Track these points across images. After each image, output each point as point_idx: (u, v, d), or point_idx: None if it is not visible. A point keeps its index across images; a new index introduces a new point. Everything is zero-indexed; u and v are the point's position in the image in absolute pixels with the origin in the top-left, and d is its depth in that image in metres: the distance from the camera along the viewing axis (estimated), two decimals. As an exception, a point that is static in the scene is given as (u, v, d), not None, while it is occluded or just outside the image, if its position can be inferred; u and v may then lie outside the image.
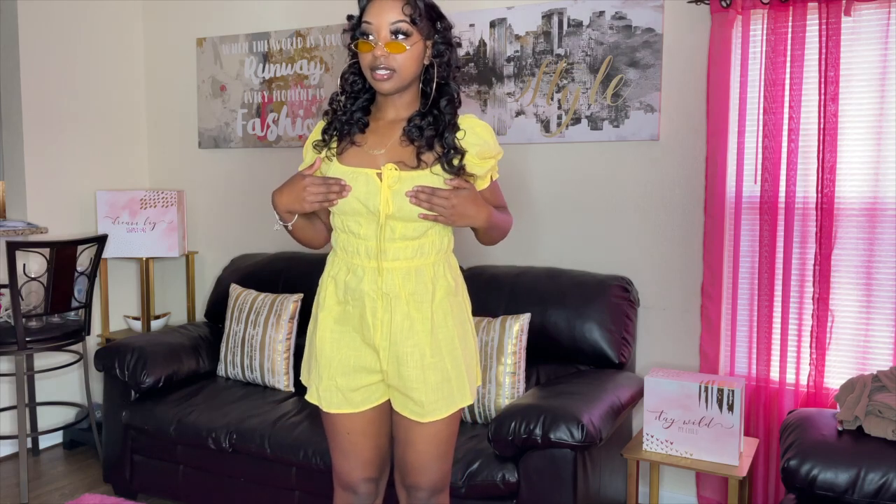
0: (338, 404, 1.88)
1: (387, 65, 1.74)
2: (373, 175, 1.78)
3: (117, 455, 3.14)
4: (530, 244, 3.27)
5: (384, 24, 1.73)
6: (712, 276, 2.89)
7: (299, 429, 2.75)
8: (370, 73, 1.76)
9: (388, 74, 1.74)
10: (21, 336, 3.23)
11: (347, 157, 1.83)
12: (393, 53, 1.73)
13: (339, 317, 1.86)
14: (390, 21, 1.73)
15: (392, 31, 1.73)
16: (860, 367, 2.72)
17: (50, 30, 3.75)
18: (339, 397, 1.87)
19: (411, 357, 1.81)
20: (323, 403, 1.90)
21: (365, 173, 1.79)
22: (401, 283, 1.80)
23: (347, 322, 1.85)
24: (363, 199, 1.77)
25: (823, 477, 2.12)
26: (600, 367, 2.88)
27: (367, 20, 1.75)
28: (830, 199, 2.68)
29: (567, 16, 3.11)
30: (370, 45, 1.74)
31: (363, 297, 1.82)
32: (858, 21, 2.65)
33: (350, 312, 1.84)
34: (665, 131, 3.00)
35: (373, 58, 1.74)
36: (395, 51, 1.73)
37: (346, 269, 1.84)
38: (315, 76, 3.70)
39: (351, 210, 1.79)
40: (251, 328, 3.25)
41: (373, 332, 1.82)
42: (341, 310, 1.86)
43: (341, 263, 1.86)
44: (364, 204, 1.78)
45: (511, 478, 2.41)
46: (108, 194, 3.82)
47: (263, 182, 3.88)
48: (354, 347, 1.86)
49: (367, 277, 1.81)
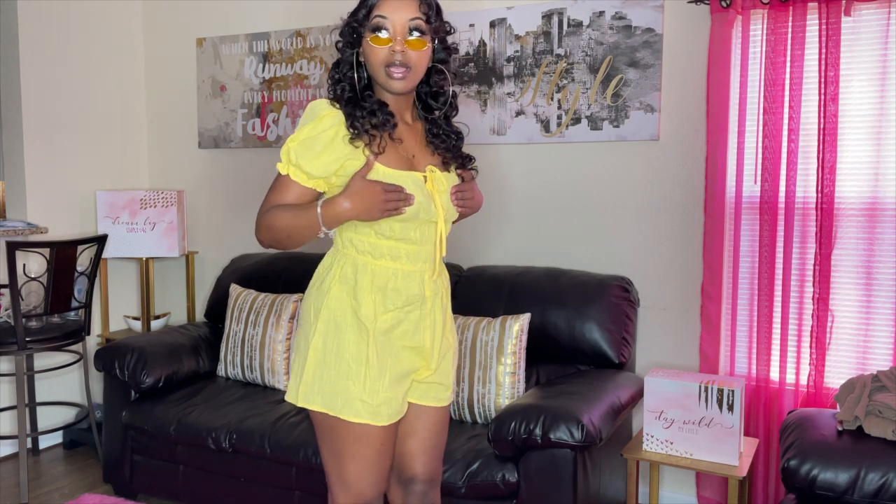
0: (390, 415, 1.77)
1: (404, 61, 1.69)
2: (419, 179, 1.76)
3: (117, 455, 3.14)
4: (530, 244, 3.27)
5: (402, 20, 1.69)
6: (712, 276, 2.89)
7: (299, 429, 2.75)
8: (383, 70, 1.70)
9: (405, 72, 1.70)
10: (21, 336, 3.23)
11: (388, 159, 1.74)
12: (412, 50, 1.69)
13: (388, 326, 1.77)
14: (409, 17, 1.69)
15: (411, 27, 1.69)
16: (860, 367, 2.72)
17: (50, 30, 3.75)
18: (393, 407, 1.78)
19: (449, 349, 1.92)
20: (383, 418, 1.76)
21: (413, 177, 1.75)
22: (445, 281, 1.91)
23: (393, 329, 1.78)
24: (424, 204, 1.75)
25: (823, 477, 2.12)
26: (600, 367, 2.88)
27: (381, 14, 1.69)
28: (830, 198, 2.68)
29: (567, 16, 3.11)
30: (388, 39, 1.69)
31: (423, 301, 1.81)
32: (858, 21, 2.65)
33: (401, 318, 1.79)
34: (665, 131, 3.00)
35: (390, 53, 1.68)
36: (416, 47, 1.69)
37: (391, 275, 1.77)
38: (315, 76, 3.70)
39: (411, 216, 1.74)
40: (251, 328, 3.25)
41: (423, 333, 1.82)
42: (390, 317, 1.77)
43: (384, 272, 1.77)
44: (425, 209, 1.75)
45: (511, 478, 2.41)
46: (108, 194, 3.82)
47: (263, 182, 3.87)
48: (396, 353, 1.79)
49: (426, 280, 1.82)
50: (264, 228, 1.75)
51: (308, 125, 1.70)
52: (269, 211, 1.74)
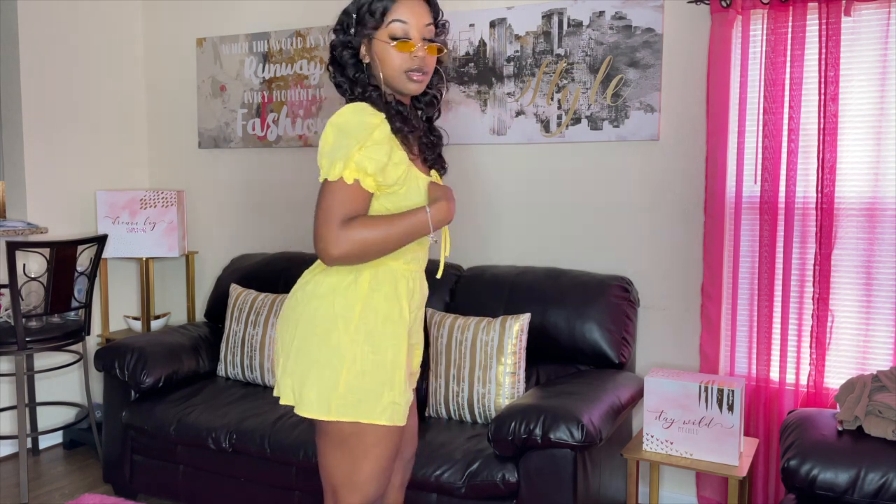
0: (406, 413, 1.78)
1: (424, 67, 1.70)
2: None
3: (117, 455, 3.14)
4: (530, 244, 3.27)
5: (421, 24, 1.69)
6: (712, 276, 2.89)
7: (299, 429, 2.75)
8: (404, 74, 1.69)
9: (424, 77, 1.71)
10: (21, 336, 3.23)
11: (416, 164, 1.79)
12: (430, 55, 1.71)
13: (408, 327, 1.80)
14: (426, 23, 1.69)
15: (425, 33, 1.70)
16: (860, 367, 2.72)
17: (50, 30, 3.75)
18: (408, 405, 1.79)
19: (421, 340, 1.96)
20: (404, 417, 1.77)
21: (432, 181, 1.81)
22: None
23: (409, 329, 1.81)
24: None
25: (823, 477, 2.12)
26: (600, 367, 2.88)
27: (401, 19, 1.67)
28: (830, 198, 2.68)
29: (567, 16, 3.11)
30: (412, 45, 1.68)
31: (423, 301, 1.89)
32: (858, 21, 2.65)
33: (414, 318, 1.85)
34: (665, 131, 3.00)
35: (411, 59, 1.68)
36: (434, 53, 1.71)
37: (412, 278, 1.80)
38: (315, 76, 3.70)
39: None
40: (251, 328, 3.25)
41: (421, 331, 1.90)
42: (410, 318, 1.80)
43: (408, 275, 1.79)
44: None
45: (511, 478, 2.41)
46: (108, 194, 3.82)
47: (263, 182, 3.89)
48: (410, 352, 1.84)
49: (424, 281, 1.88)
50: (356, 243, 1.62)
51: (367, 131, 1.63)
52: (355, 225, 1.63)
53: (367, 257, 1.66)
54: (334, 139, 1.63)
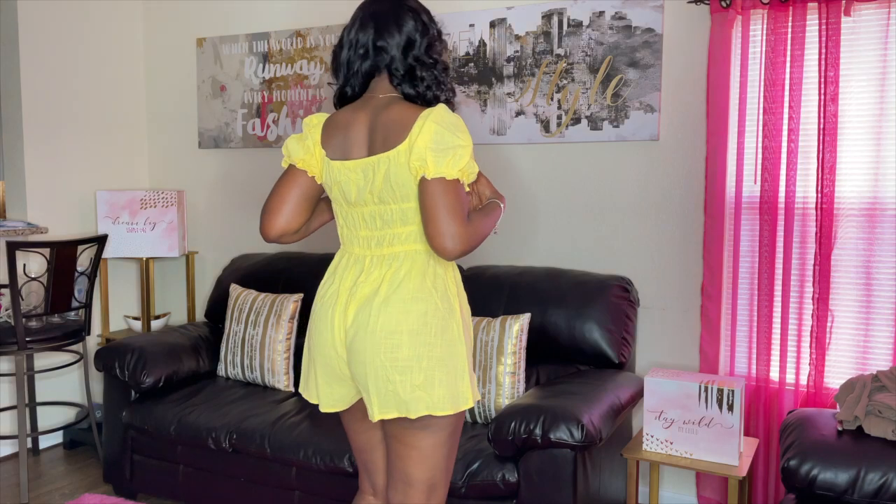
0: None
1: None
2: None
3: (117, 455, 3.14)
4: (530, 244, 3.27)
5: None
6: (712, 276, 2.89)
7: (299, 429, 2.75)
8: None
9: None
10: (21, 336, 3.24)
11: None
12: None
13: None
14: None
15: None
16: (860, 367, 2.72)
17: (50, 30, 3.75)
18: None
19: None
20: None
21: None
22: None
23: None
24: None
25: (823, 477, 2.12)
26: (600, 367, 2.88)
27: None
28: (830, 199, 2.68)
29: (567, 16, 3.11)
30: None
31: None
32: (858, 21, 2.65)
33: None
34: (665, 131, 3.00)
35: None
36: None
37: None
38: (315, 76, 3.70)
39: None
40: (251, 328, 3.25)
41: None
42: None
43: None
44: None
45: (511, 478, 2.41)
46: (108, 194, 3.82)
47: (263, 182, 3.88)
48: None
49: None
50: (477, 237, 1.76)
51: (466, 133, 1.73)
52: (474, 221, 1.76)
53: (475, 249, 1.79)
54: (450, 138, 1.68)
